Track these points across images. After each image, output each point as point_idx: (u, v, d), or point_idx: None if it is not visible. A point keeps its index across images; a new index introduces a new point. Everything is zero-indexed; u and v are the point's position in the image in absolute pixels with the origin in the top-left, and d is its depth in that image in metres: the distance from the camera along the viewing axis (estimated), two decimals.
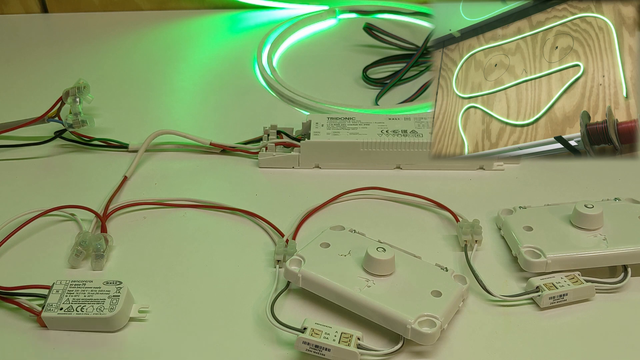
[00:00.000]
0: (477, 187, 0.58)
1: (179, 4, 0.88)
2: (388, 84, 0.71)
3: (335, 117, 0.61)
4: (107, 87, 0.72)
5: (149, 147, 0.62)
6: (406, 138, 0.58)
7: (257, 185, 0.59)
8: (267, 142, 0.60)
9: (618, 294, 0.47)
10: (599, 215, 0.48)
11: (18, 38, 0.84)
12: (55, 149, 0.63)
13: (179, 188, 0.58)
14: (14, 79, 0.75)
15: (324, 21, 0.85)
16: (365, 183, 0.57)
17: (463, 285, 0.45)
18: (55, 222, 0.54)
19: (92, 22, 0.86)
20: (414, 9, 0.84)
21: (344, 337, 0.42)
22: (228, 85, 0.74)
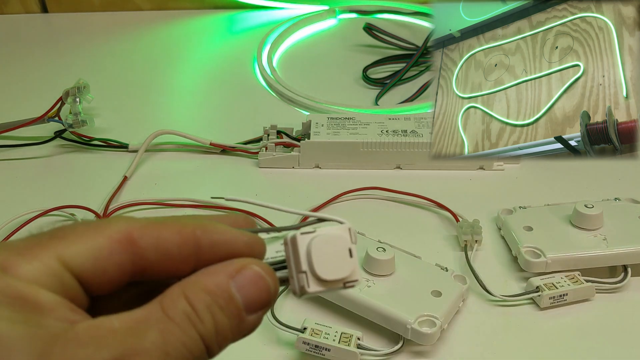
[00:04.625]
0: (477, 187, 0.58)
1: (179, 4, 0.88)
2: (388, 84, 0.71)
3: (335, 117, 0.61)
4: (107, 87, 0.72)
5: (149, 147, 0.62)
6: (406, 138, 0.58)
7: (257, 185, 0.59)
8: (267, 142, 0.60)
9: (618, 294, 0.47)
10: (599, 215, 0.48)
11: (18, 38, 0.84)
12: (55, 149, 0.63)
13: (179, 188, 0.58)
14: (14, 79, 0.75)
15: (324, 21, 0.85)
16: (365, 183, 0.57)
17: (463, 285, 0.45)
18: (55, 222, 0.54)
19: (92, 22, 0.86)
20: (414, 9, 0.84)
21: (344, 337, 0.42)
22: (228, 85, 0.74)
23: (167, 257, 0.23)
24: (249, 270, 0.24)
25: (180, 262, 0.24)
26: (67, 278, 0.22)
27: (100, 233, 0.23)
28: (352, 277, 0.25)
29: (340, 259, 0.25)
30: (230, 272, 0.23)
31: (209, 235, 0.24)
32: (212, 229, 0.24)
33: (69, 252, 0.22)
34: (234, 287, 0.23)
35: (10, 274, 0.21)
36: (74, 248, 0.23)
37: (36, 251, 0.22)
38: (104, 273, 0.23)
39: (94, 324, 0.21)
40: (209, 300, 0.23)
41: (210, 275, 0.23)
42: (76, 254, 0.22)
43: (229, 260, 0.24)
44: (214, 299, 0.23)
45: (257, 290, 0.24)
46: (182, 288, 0.23)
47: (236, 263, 0.24)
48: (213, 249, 0.24)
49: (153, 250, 0.23)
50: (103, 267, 0.23)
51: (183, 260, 0.24)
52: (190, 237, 0.24)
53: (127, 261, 0.23)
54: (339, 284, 0.25)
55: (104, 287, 0.23)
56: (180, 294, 0.23)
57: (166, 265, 0.24)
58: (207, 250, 0.24)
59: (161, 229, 0.24)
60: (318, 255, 0.25)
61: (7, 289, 0.21)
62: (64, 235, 0.23)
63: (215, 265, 0.24)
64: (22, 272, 0.22)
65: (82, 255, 0.23)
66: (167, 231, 0.24)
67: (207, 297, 0.23)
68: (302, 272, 0.25)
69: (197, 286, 0.23)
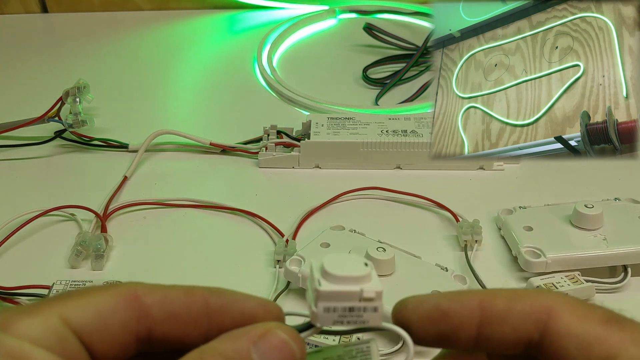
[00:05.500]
0: (477, 187, 0.58)
1: (179, 4, 0.88)
2: (388, 84, 0.71)
3: (335, 117, 0.61)
4: (107, 87, 0.72)
5: (149, 147, 0.62)
6: (406, 138, 0.58)
7: (257, 185, 0.59)
8: (267, 142, 0.60)
9: (618, 294, 0.47)
10: (599, 215, 0.48)
11: (18, 38, 0.84)
12: (55, 149, 0.63)
13: (179, 188, 0.58)
14: (14, 79, 0.75)
15: (324, 21, 0.85)
16: (365, 183, 0.57)
17: (463, 285, 0.45)
18: (55, 222, 0.54)
19: (92, 22, 0.86)
20: (414, 9, 0.84)
21: (343, 337, 0.42)
22: (228, 85, 0.74)
23: (175, 317, 0.22)
24: (273, 336, 0.22)
25: (189, 324, 0.23)
26: (67, 336, 0.21)
27: (105, 291, 0.22)
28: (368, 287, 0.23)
29: (354, 266, 0.23)
30: (252, 338, 0.22)
31: (218, 297, 0.23)
32: (222, 291, 0.23)
33: (71, 309, 0.21)
34: (255, 354, 0.22)
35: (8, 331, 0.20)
36: (76, 305, 0.22)
37: (38, 309, 0.21)
38: (107, 330, 0.22)
39: None
40: None
41: (231, 340, 0.22)
42: (79, 310, 0.22)
43: (251, 325, 0.23)
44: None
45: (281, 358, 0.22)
46: (200, 353, 0.21)
47: (259, 328, 0.22)
48: (224, 311, 0.23)
49: (159, 308, 0.22)
50: (106, 323, 0.22)
51: (192, 323, 0.23)
52: (198, 297, 0.23)
53: (132, 319, 0.22)
54: (354, 289, 0.23)
55: (108, 347, 0.22)
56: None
57: (173, 327, 0.22)
58: (218, 312, 0.23)
59: (168, 289, 0.23)
60: (330, 264, 0.23)
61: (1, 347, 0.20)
62: (69, 295, 0.22)
63: (237, 330, 0.22)
64: (20, 329, 0.20)
65: (85, 312, 0.22)
66: (174, 291, 0.23)
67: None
68: (315, 280, 0.23)
69: (215, 352, 0.21)
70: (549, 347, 0.22)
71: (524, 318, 0.22)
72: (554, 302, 0.22)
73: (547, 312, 0.22)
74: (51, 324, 0.21)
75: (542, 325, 0.22)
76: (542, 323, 0.22)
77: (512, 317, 0.22)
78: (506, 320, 0.22)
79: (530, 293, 0.23)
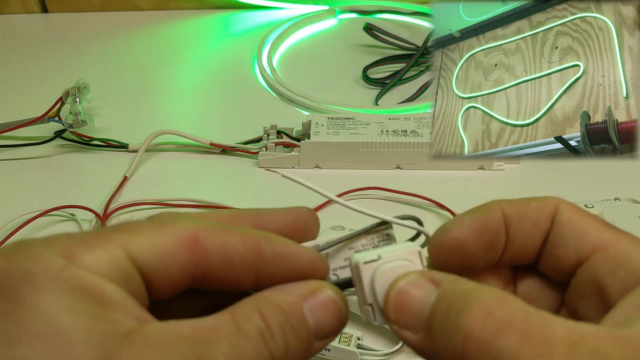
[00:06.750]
0: (477, 187, 0.58)
1: (178, 4, 0.88)
2: (388, 84, 0.71)
3: (335, 117, 0.61)
4: (107, 87, 0.72)
5: (149, 147, 0.62)
6: (406, 138, 0.58)
7: (257, 185, 0.59)
8: (267, 142, 0.60)
9: None
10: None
11: (18, 38, 0.84)
12: (55, 149, 0.63)
13: (179, 188, 0.58)
14: (14, 79, 0.75)
15: (324, 21, 0.85)
16: (365, 183, 0.57)
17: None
18: (55, 222, 0.54)
19: (92, 22, 0.86)
20: (414, 9, 0.84)
21: (343, 337, 0.42)
22: (228, 86, 0.74)
23: (230, 263, 0.22)
24: (323, 294, 0.23)
25: (242, 271, 0.23)
26: (132, 272, 0.21)
27: (167, 230, 0.22)
28: None
29: None
30: (304, 294, 0.23)
31: (273, 247, 0.23)
32: (277, 240, 0.23)
33: (135, 245, 0.21)
34: (306, 309, 0.22)
35: (75, 263, 0.20)
36: (140, 242, 0.21)
37: (101, 241, 0.21)
38: (167, 271, 0.22)
39: (163, 327, 0.20)
40: (283, 319, 0.21)
41: (286, 293, 0.22)
42: (142, 247, 0.21)
43: (304, 281, 0.23)
44: (287, 319, 0.22)
45: (329, 316, 0.23)
46: (257, 302, 0.22)
47: (310, 284, 0.23)
48: (276, 262, 0.23)
49: (217, 254, 0.22)
50: (167, 264, 0.22)
51: (244, 270, 0.23)
52: (254, 246, 0.23)
53: (191, 262, 0.22)
54: None
55: (164, 287, 0.22)
56: (254, 308, 0.21)
57: (227, 272, 0.23)
58: (270, 263, 0.23)
59: (227, 234, 0.23)
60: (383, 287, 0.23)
61: (71, 279, 0.19)
62: (129, 228, 0.22)
63: (290, 285, 0.23)
64: (87, 261, 0.20)
65: (148, 250, 0.21)
66: (232, 237, 0.23)
67: (282, 316, 0.22)
68: (367, 305, 0.24)
69: (271, 302, 0.22)
70: (552, 237, 0.25)
71: (539, 212, 0.25)
72: (560, 201, 0.25)
73: (556, 205, 0.25)
74: (118, 258, 0.21)
75: (553, 217, 0.25)
76: (553, 216, 0.25)
77: (529, 212, 0.25)
78: (525, 217, 0.25)
79: (538, 197, 0.26)
